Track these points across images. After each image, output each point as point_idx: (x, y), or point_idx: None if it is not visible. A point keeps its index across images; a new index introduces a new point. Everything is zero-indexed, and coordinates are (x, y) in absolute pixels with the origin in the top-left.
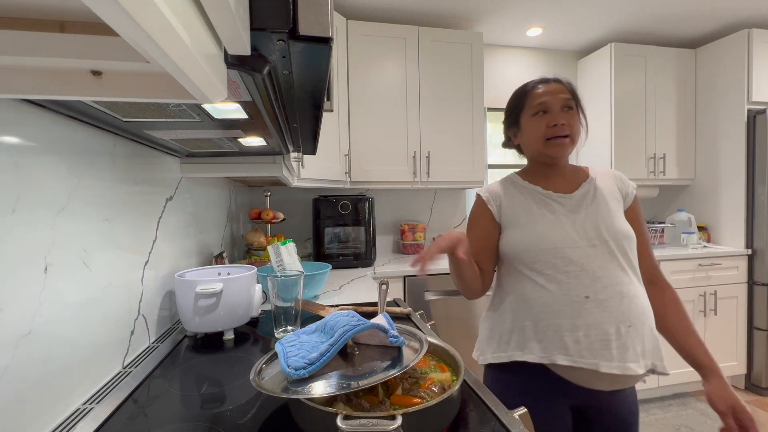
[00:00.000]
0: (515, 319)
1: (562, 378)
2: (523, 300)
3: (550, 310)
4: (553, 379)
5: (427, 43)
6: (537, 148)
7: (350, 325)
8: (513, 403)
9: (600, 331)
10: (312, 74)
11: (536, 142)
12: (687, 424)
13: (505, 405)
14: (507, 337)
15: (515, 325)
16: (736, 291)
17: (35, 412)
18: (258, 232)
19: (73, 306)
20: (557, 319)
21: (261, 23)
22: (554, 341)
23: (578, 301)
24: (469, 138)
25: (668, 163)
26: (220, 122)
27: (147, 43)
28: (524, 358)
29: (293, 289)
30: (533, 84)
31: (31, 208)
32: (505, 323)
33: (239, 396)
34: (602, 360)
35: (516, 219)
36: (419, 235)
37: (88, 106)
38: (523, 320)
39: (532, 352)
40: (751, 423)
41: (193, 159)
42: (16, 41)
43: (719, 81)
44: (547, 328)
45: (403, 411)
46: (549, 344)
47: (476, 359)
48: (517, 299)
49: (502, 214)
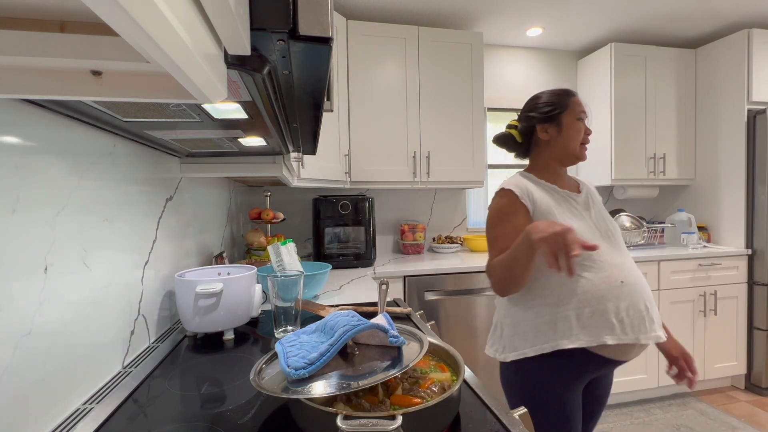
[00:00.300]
0: (556, 310)
1: (597, 356)
2: (563, 291)
3: (594, 296)
4: (585, 360)
5: (427, 43)
6: (573, 149)
7: (350, 325)
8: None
9: (636, 310)
10: (312, 74)
11: (574, 143)
12: (687, 424)
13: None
14: (547, 328)
15: (557, 315)
16: (736, 291)
17: (35, 412)
18: (258, 232)
19: (73, 306)
20: (601, 304)
21: (261, 23)
22: (601, 324)
23: (616, 285)
24: (469, 138)
25: (668, 163)
26: (220, 122)
27: (147, 43)
28: (572, 345)
29: (293, 289)
30: (573, 92)
31: (31, 208)
32: (542, 316)
33: (239, 396)
34: (641, 334)
35: (549, 214)
36: (419, 235)
37: (88, 106)
38: (566, 310)
39: (579, 338)
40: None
41: (193, 159)
42: (16, 41)
43: (719, 81)
44: (592, 314)
45: (403, 411)
46: (595, 328)
47: (495, 356)
48: (554, 291)
49: (535, 209)
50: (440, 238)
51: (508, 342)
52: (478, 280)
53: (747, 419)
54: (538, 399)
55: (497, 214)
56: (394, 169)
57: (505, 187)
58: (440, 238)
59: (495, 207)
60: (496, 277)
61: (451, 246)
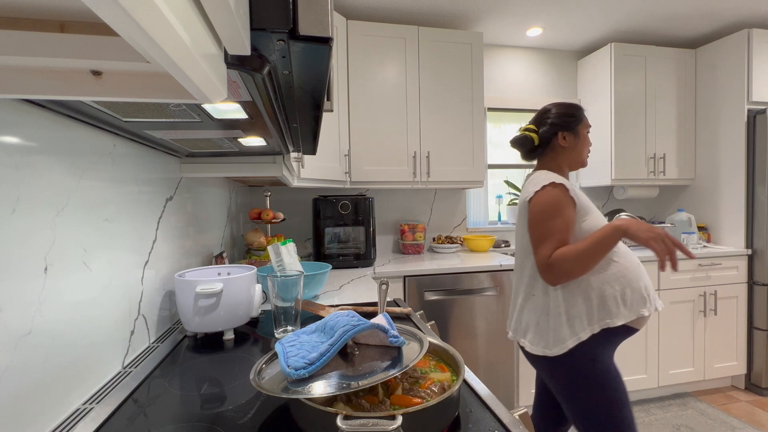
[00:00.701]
0: (603, 292)
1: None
2: (605, 275)
3: (631, 277)
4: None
5: (427, 43)
6: (583, 157)
7: (350, 325)
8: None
9: (650, 285)
10: (312, 74)
11: (585, 152)
12: (687, 424)
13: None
14: (597, 310)
15: (605, 296)
16: (736, 291)
17: (35, 412)
18: (258, 232)
19: (73, 306)
20: (636, 282)
21: (261, 23)
22: (638, 299)
23: (638, 266)
24: (469, 138)
25: (668, 163)
26: (220, 122)
27: (147, 43)
28: (620, 321)
29: (293, 289)
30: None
31: (31, 208)
32: (590, 299)
33: (239, 396)
34: (657, 302)
35: (589, 209)
36: (419, 235)
37: (88, 106)
38: (612, 291)
39: (624, 314)
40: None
41: (193, 159)
42: (16, 41)
43: (719, 81)
44: (632, 292)
45: (403, 411)
46: (634, 303)
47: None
48: (599, 276)
49: (579, 204)
50: (440, 238)
51: (554, 334)
52: (478, 280)
53: (747, 419)
54: (600, 376)
55: (552, 206)
56: (394, 169)
57: (556, 181)
58: (440, 238)
59: (548, 199)
60: (568, 266)
61: (451, 246)
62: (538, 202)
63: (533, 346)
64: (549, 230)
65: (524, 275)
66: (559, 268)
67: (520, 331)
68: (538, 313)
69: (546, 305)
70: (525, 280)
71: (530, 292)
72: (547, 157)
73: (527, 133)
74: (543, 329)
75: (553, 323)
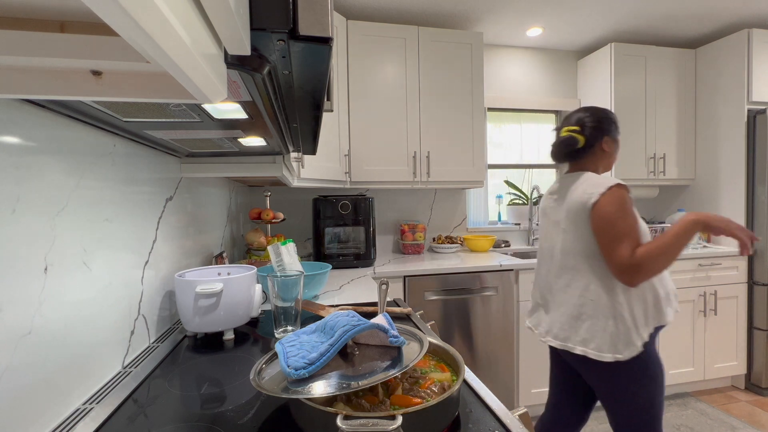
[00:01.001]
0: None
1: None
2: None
3: (667, 275)
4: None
5: (427, 43)
6: (612, 163)
7: (350, 325)
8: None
9: None
10: (312, 74)
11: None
12: (687, 424)
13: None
14: (654, 309)
15: (658, 296)
16: (736, 291)
17: (35, 412)
18: (258, 232)
19: (73, 306)
20: (669, 281)
21: (261, 23)
22: (673, 298)
23: None
24: (469, 138)
25: (668, 163)
26: (220, 122)
27: (147, 43)
28: (669, 318)
29: (293, 289)
30: None
31: (31, 208)
32: (648, 300)
33: (239, 396)
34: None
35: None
36: (419, 235)
37: (88, 106)
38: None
39: (669, 312)
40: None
41: (193, 159)
42: (16, 41)
43: (719, 81)
44: (670, 290)
45: (403, 411)
46: (672, 301)
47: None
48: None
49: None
50: (440, 238)
51: (624, 338)
52: (479, 280)
53: (747, 419)
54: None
55: (624, 206)
56: (394, 169)
57: (621, 182)
58: (440, 238)
59: (618, 200)
60: (654, 264)
61: (451, 246)
62: (607, 203)
63: (600, 353)
64: (624, 231)
65: (577, 280)
66: (646, 267)
67: (575, 339)
68: (602, 318)
69: (611, 309)
70: (578, 284)
71: (587, 297)
72: (587, 160)
73: (574, 134)
74: (612, 334)
75: (622, 327)
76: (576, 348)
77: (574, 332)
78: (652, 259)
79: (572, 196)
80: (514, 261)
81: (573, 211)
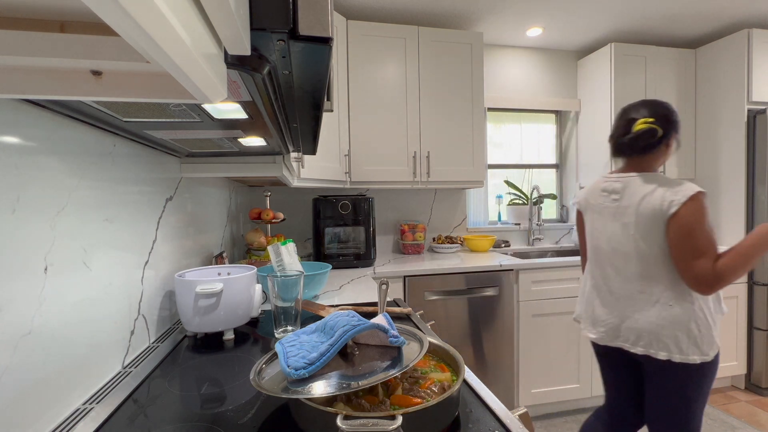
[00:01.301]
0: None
1: None
2: None
3: None
4: None
5: (427, 43)
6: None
7: (350, 325)
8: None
9: None
10: (312, 74)
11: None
12: None
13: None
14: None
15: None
16: (736, 291)
17: (35, 412)
18: (258, 232)
19: (73, 306)
20: None
21: (261, 23)
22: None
23: None
24: (469, 138)
25: (668, 163)
26: (220, 122)
27: (147, 43)
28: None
29: (293, 289)
30: None
31: (31, 208)
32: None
33: (239, 396)
34: None
35: None
36: (419, 235)
37: (88, 106)
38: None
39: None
40: None
41: (193, 159)
42: (16, 41)
43: (719, 81)
44: None
45: (403, 411)
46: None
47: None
48: None
49: None
50: (440, 238)
51: (706, 339)
52: (479, 280)
53: (747, 419)
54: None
55: (705, 216)
56: (394, 169)
57: (701, 189)
58: (440, 238)
59: (700, 211)
60: (734, 276)
61: (451, 246)
62: (688, 213)
63: (686, 356)
64: (704, 244)
65: (652, 286)
66: (727, 280)
67: (659, 344)
68: (685, 322)
69: (692, 313)
70: (655, 290)
71: (666, 303)
72: (651, 156)
73: (653, 125)
74: (695, 336)
75: (704, 329)
76: (659, 353)
77: (655, 338)
78: (732, 272)
79: (647, 200)
80: (514, 261)
81: (647, 216)
